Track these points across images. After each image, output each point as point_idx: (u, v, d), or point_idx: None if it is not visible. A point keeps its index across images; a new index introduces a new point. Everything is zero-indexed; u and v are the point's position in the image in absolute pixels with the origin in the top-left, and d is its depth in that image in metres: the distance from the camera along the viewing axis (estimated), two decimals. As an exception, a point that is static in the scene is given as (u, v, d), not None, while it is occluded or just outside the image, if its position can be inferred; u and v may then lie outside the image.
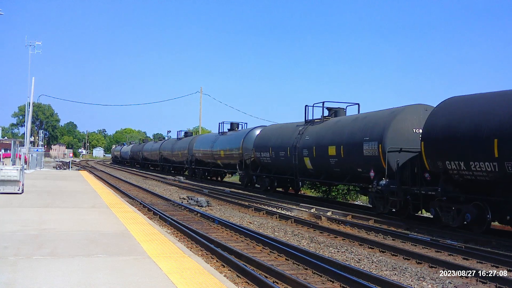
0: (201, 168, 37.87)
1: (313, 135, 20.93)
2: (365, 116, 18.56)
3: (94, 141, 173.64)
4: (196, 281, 6.09)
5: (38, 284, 5.70)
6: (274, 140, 24.43)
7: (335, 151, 18.74)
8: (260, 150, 26.02)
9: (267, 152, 24.86)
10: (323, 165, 20.05)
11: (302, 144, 21.39)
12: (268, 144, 24.92)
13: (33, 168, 39.55)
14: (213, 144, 34.17)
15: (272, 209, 18.54)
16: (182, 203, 19.65)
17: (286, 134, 23.69)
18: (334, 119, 21.18)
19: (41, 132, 69.06)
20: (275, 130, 25.74)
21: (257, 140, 27.01)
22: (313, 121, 22.28)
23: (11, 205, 13.57)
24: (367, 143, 16.81)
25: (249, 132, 29.17)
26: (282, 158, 23.34)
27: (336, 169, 19.21)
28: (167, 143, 50.77)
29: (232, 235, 12.72)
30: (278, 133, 24.68)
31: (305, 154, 21.03)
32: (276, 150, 23.92)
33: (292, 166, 22.27)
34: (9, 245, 7.93)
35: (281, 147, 23.46)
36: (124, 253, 7.63)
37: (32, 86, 43.36)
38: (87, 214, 12.22)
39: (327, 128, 20.33)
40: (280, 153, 23.46)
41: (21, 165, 21.90)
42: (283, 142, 23.39)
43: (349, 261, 9.96)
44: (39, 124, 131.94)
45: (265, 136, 26.23)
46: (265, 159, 25.39)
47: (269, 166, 25.45)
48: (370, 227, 14.21)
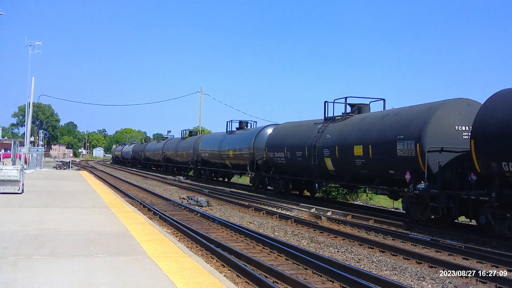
0: (207, 168, 36.39)
1: (335, 133, 19.25)
2: (397, 112, 16.87)
3: (94, 141, 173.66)
4: (196, 281, 6.09)
5: (38, 284, 5.70)
6: (290, 139, 22.73)
7: (362, 151, 17.07)
8: (273, 150, 24.29)
9: (282, 152, 23.16)
10: (347, 166, 18.35)
11: (322, 143, 19.70)
12: (283, 143, 23.21)
13: (33, 168, 39.54)
14: (221, 143, 32.76)
15: (272, 209, 18.54)
16: (182, 203, 19.65)
17: (303, 132, 21.96)
18: (359, 115, 19.35)
19: (41, 132, 69.14)
20: (290, 128, 23.90)
21: (270, 139, 25.29)
22: (334, 118, 20.53)
23: (11, 205, 13.57)
24: (402, 142, 15.16)
25: (261, 131, 27.61)
26: (298, 158, 21.66)
27: (362, 171, 17.53)
28: (171, 142, 49.19)
29: (232, 235, 12.73)
30: (294, 132, 22.94)
31: (326, 154, 19.38)
32: (292, 150, 22.22)
33: (311, 167, 20.56)
34: (9, 245, 7.93)
35: (297, 146, 21.75)
36: (124, 253, 7.63)
37: (32, 86, 43.40)
38: (87, 214, 12.22)
39: (351, 126, 18.53)
40: (296, 153, 21.79)
41: (21, 165, 21.90)
42: (299, 141, 21.69)
43: (349, 261, 9.96)
44: (39, 124, 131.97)
45: (279, 135, 24.48)
46: (279, 159, 23.67)
47: (284, 167, 23.60)
48: (370, 227, 14.21)
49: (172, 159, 47.68)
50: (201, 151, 36.76)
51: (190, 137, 44.30)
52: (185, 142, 43.08)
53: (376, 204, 24.30)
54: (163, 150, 50.16)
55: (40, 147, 51.51)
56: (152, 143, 60.94)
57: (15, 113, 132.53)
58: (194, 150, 39.03)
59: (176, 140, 48.38)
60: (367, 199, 24.94)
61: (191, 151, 40.00)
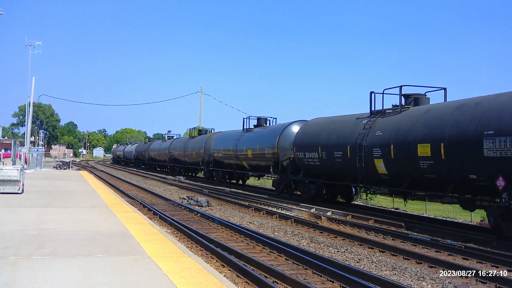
0: (220, 170, 33.33)
1: (389, 129, 16.16)
2: (477, 101, 13.63)
3: (94, 141, 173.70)
4: (196, 281, 6.09)
5: (38, 284, 5.70)
6: (325, 137, 19.73)
7: (429, 151, 14.13)
8: (303, 149, 21.27)
9: (315, 152, 20.20)
10: (407, 169, 15.27)
11: (371, 141, 16.65)
12: (316, 142, 20.15)
13: (33, 168, 39.55)
14: (237, 142, 29.71)
15: (272, 209, 18.54)
16: (182, 203, 19.65)
17: (343, 129, 18.96)
18: (421, 107, 16.18)
19: (41, 132, 69.11)
20: (325, 124, 20.79)
21: (299, 137, 22.21)
22: (384, 111, 17.39)
23: (11, 205, 13.57)
24: (491, 140, 12.18)
25: (286, 128, 24.54)
26: (337, 160, 18.72)
27: (429, 175, 14.48)
28: (178, 142, 46.04)
29: (232, 235, 12.73)
30: (331, 128, 19.89)
31: (377, 155, 16.35)
32: (328, 150, 19.26)
33: (354, 170, 17.53)
34: (9, 245, 7.93)
35: (336, 145, 18.76)
36: (124, 253, 7.64)
37: (32, 86, 43.47)
38: (87, 214, 12.22)
39: (412, 120, 15.40)
40: (335, 154, 18.84)
41: (21, 165, 21.90)
42: (339, 140, 18.71)
43: (349, 261, 9.96)
44: (39, 124, 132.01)
45: (310, 133, 21.41)
46: (310, 160, 20.76)
47: (317, 169, 20.68)
48: (370, 227, 14.22)
49: (179, 159, 44.71)
50: (214, 150, 33.81)
51: (199, 136, 41.22)
52: (195, 141, 40.12)
53: (376, 204, 24.29)
54: (170, 150, 47.16)
55: (40, 147, 51.48)
56: (157, 143, 57.72)
57: (15, 113, 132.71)
58: (205, 150, 36.18)
59: (184, 139, 45.44)
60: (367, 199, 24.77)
61: (201, 150, 37.05)
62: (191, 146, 40.42)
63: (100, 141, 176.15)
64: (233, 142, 30.37)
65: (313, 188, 21.04)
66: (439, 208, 22.78)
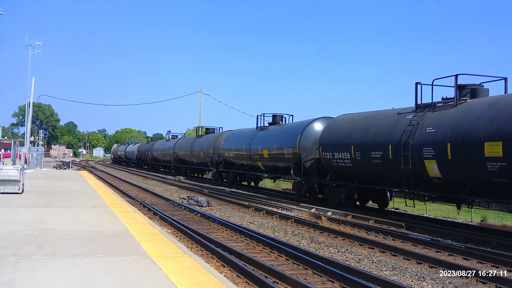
0: (231, 171, 31.17)
1: (443, 125, 14.16)
2: None
3: (94, 141, 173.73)
4: (196, 281, 6.09)
5: (38, 284, 5.70)
6: (359, 135, 17.61)
7: (500, 150, 12.21)
8: (331, 149, 19.18)
9: (346, 152, 18.17)
10: (469, 172, 13.37)
11: (420, 139, 14.70)
12: (348, 140, 18.12)
13: (33, 168, 39.55)
14: (251, 141, 27.61)
15: (272, 209, 18.54)
16: (182, 203, 19.65)
17: (381, 125, 16.80)
18: (483, 100, 14.16)
19: (41, 132, 69.18)
20: (358, 121, 18.61)
21: (326, 135, 20.11)
22: (434, 105, 15.32)
23: (11, 205, 13.57)
24: None
25: (308, 126, 22.36)
26: (376, 161, 16.52)
27: (498, 179, 12.59)
28: (184, 141, 44.02)
29: (232, 235, 12.73)
30: (366, 125, 17.70)
31: (428, 155, 14.38)
32: (363, 149, 17.15)
33: (397, 173, 15.46)
34: (9, 245, 7.93)
35: (374, 144, 16.65)
36: (124, 253, 7.63)
37: (32, 86, 43.47)
38: (87, 214, 12.22)
39: (475, 114, 13.38)
40: (372, 154, 16.67)
41: (21, 165, 21.90)
42: (376, 138, 16.61)
43: (349, 261, 9.96)
44: (39, 124, 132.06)
45: (339, 130, 19.33)
46: (340, 161, 18.64)
47: (348, 171, 18.57)
48: (370, 227, 14.21)
49: (185, 159, 42.42)
50: (224, 150, 31.71)
51: (207, 135, 38.97)
52: (202, 141, 37.90)
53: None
54: (175, 150, 44.97)
55: (40, 147, 51.51)
56: (160, 142, 55.39)
57: (15, 113, 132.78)
58: (214, 150, 33.98)
59: (190, 138, 43.21)
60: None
61: (210, 150, 34.88)
62: (198, 145, 38.44)
63: (100, 141, 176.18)
64: (246, 142, 28.30)
65: (342, 192, 18.89)
66: (439, 208, 22.74)
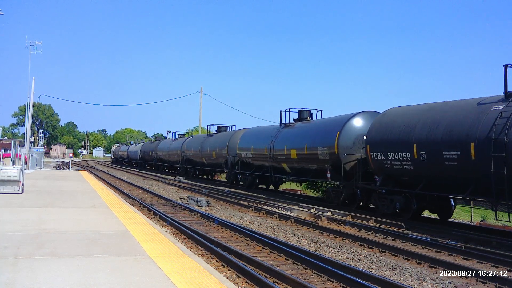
0: (248, 173, 28.51)
1: None
2: None
3: (94, 141, 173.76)
4: (196, 281, 6.09)
5: (38, 284, 5.70)
6: (425, 131, 14.65)
7: None
8: (383, 148, 16.24)
9: (405, 152, 15.23)
10: None
11: None
12: (408, 137, 15.20)
13: (33, 168, 39.55)
14: (273, 140, 24.88)
15: (272, 209, 18.54)
16: (182, 203, 19.65)
17: (456, 119, 13.87)
18: None
19: (41, 132, 69.16)
20: (421, 113, 15.54)
21: (375, 132, 16.97)
22: None
23: (11, 205, 13.56)
24: None
25: (348, 122, 19.50)
26: (450, 162, 13.72)
27: None
28: (193, 140, 41.49)
29: (232, 235, 12.73)
30: (432, 118, 14.73)
31: None
32: (431, 149, 14.31)
33: (486, 178, 12.61)
34: (9, 245, 7.93)
35: (446, 142, 13.81)
36: (124, 253, 7.63)
37: (32, 86, 43.45)
38: (87, 214, 12.22)
39: None
40: (445, 154, 13.81)
41: (21, 165, 21.90)
42: (451, 134, 13.75)
43: (349, 261, 9.96)
44: (39, 124, 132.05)
45: (394, 125, 16.16)
46: (397, 163, 15.73)
47: (409, 175, 15.63)
48: (370, 227, 14.21)
49: (194, 160, 39.96)
50: (241, 150, 29.00)
51: (220, 133, 36.39)
52: (215, 140, 35.27)
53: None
54: (182, 150, 42.64)
55: (40, 147, 51.49)
56: (166, 142, 52.88)
57: (15, 113, 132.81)
58: (229, 150, 31.51)
59: (200, 137, 40.48)
60: None
61: (224, 150, 32.30)
62: (209, 145, 35.67)
63: (100, 141, 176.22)
64: (268, 140, 25.29)
65: (398, 200, 15.90)
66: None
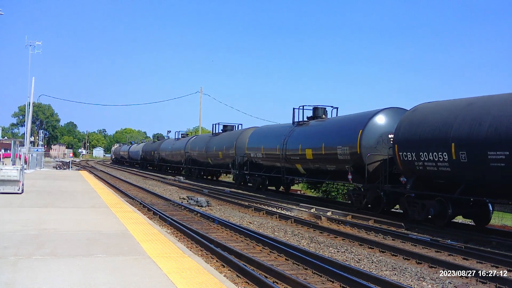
0: (257, 174, 27.01)
1: None
2: None
3: (94, 141, 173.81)
4: (196, 281, 6.09)
5: (38, 284, 5.70)
6: (465, 128, 13.12)
7: None
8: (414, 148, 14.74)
9: (441, 152, 13.66)
10: None
11: None
12: (445, 135, 13.65)
13: (33, 168, 39.54)
14: (286, 139, 23.26)
15: (272, 209, 18.54)
16: (182, 203, 19.65)
17: (504, 114, 12.33)
18: None
19: (41, 132, 69.10)
20: (459, 109, 13.88)
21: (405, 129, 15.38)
22: None
23: (11, 205, 13.56)
24: None
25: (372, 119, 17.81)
26: (496, 164, 12.18)
27: None
28: (198, 140, 40.33)
29: (232, 235, 12.73)
30: (473, 115, 13.15)
31: None
32: (473, 148, 12.81)
33: None
34: (9, 245, 7.93)
35: (491, 141, 12.33)
36: (124, 253, 7.63)
37: (32, 86, 43.45)
38: (87, 214, 12.22)
39: None
40: (490, 155, 12.30)
41: (21, 165, 21.89)
42: (497, 132, 12.25)
43: (349, 261, 9.96)
44: (39, 124, 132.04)
45: (427, 122, 14.58)
46: (430, 164, 14.18)
47: (443, 177, 14.01)
48: (370, 227, 14.21)
49: (199, 160, 38.71)
50: (250, 150, 27.51)
51: (226, 133, 35.11)
52: (221, 139, 34.04)
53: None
54: (186, 150, 41.46)
55: (40, 147, 51.48)
56: (168, 141, 51.77)
57: (15, 113, 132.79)
58: (236, 149, 30.26)
59: (205, 136, 39.32)
60: None
61: (231, 150, 31.05)
62: (215, 144, 34.42)
63: (100, 141, 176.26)
64: (280, 140, 23.92)
65: (431, 205, 14.26)
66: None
